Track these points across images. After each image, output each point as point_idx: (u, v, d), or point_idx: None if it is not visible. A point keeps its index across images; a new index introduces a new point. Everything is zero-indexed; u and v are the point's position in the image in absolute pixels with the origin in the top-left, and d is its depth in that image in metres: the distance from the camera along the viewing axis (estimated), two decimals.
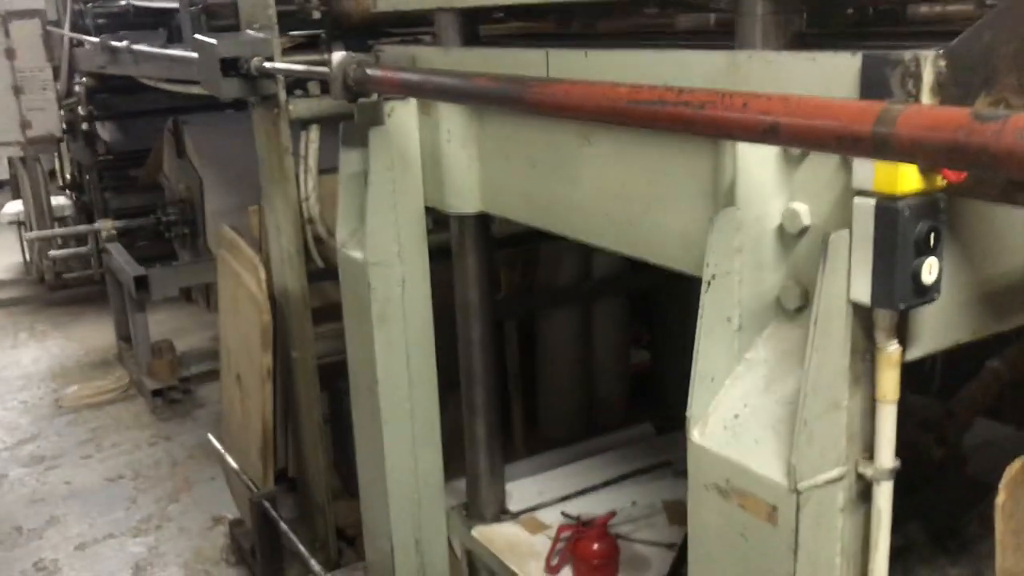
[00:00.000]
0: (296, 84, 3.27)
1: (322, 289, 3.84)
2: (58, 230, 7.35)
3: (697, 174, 1.66)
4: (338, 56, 2.35)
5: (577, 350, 4.23)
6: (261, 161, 3.43)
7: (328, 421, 3.90)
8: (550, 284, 4.10)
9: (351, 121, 2.71)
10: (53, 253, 7.39)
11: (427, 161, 2.54)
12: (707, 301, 1.48)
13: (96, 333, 6.87)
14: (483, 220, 2.53)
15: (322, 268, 3.60)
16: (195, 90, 4.04)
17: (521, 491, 2.94)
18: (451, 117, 2.40)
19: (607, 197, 1.94)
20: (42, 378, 6.17)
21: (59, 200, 7.78)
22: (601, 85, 1.50)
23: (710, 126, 1.29)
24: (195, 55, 3.40)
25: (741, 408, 1.48)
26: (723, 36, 1.62)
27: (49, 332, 7.04)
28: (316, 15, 3.20)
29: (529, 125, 2.17)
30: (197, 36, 3.19)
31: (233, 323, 4.13)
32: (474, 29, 2.40)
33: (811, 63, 1.39)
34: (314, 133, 3.32)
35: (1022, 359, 2.78)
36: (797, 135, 1.18)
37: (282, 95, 3.15)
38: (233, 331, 4.16)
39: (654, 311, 4.55)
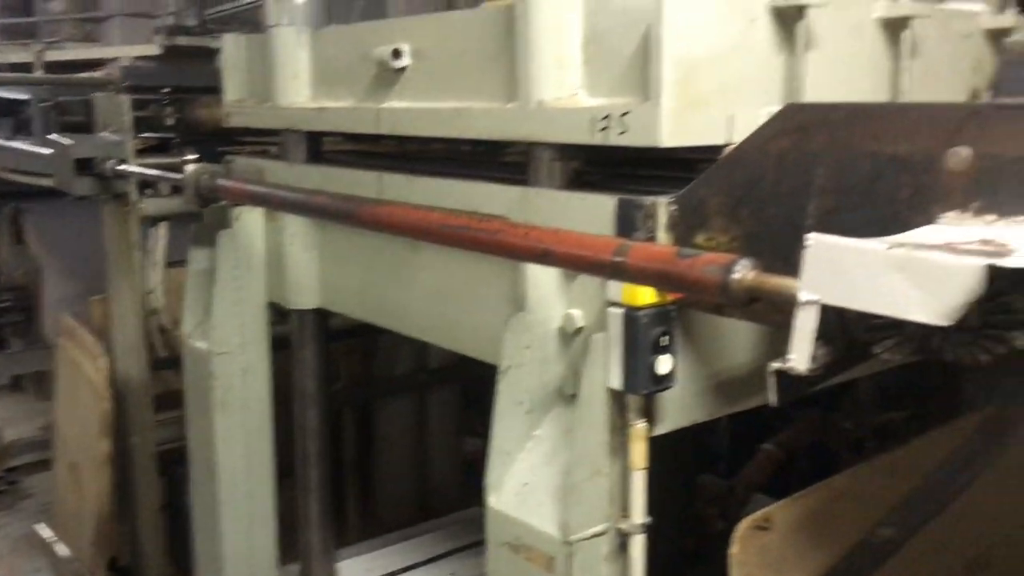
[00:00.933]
0: (146, 183, 3.47)
1: (163, 377, 3.96)
2: None
3: (501, 283, 2.01)
4: (191, 166, 2.61)
5: (412, 437, 4.48)
6: (109, 254, 3.58)
7: (165, 508, 3.97)
8: (388, 374, 4.35)
9: (201, 222, 2.94)
10: None
11: (271, 261, 2.80)
12: (502, 388, 1.81)
13: None
14: (321, 315, 2.80)
15: (164, 357, 3.75)
16: (43, 181, 4.16)
17: (351, 569, 3.14)
18: (294, 223, 2.67)
19: (431, 298, 2.26)
20: None
21: None
22: (420, 210, 1.83)
23: (501, 249, 1.63)
24: (46, 151, 3.56)
25: (529, 477, 1.79)
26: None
27: None
28: (170, 121, 3.43)
29: (366, 233, 2.46)
30: (52, 136, 3.36)
31: (70, 411, 4.16)
32: (317, 148, 2.71)
33: (581, 201, 1.76)
34: (162, 230, 3.52)
35: (792, 442, 3.24)
36: (563, 260, 1.54)
37: (134, 195, 3.34)
38: (70, 419, 4.19)
39: (487, 401, 4.85)
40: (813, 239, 1.12)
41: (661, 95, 1.60)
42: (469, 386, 4.75)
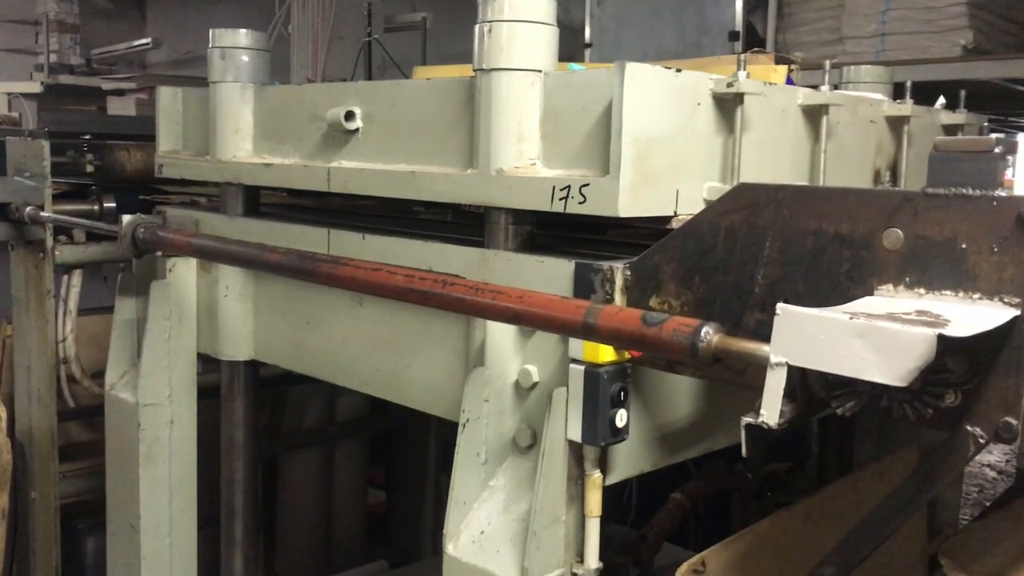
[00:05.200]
0: (60, 230, 3.41)
1: (64, 429, 3.84)
2: None
3: (452, 338, 2.10)
4: (127, 217, 2.61)
5: (318, 490, 4.48)
6: (17, 302, 3.48)
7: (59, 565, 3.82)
8: (296, 426, 4.35)
9: (129, 272, 2.93)
10: None
11: (203, 312, 2.81)
12: (462, 440, 1.89)
13: None
14: (253, 366, 2.82)
15: (71, 408, 3.65)
16: None
17: None
18: (229, 275, 2.70)
19: (375, 352, 2.33)
20: None
21: None
22: (383, 269, 1.91)
23: (470, 309, 1.73)
24: None
25: (486, 525, 1.88)
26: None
27: None
28: (89, 168, 3.39)
29: (305, 287, 2.52)
30: None
31: None
32: (255, 201, 2.75)
33: (540, 264, 1.89)
34: (76, 278, 3.45)
35: (699, 491, 3.40)
36: (533, 320, 1.65)
37: (49, 241, 3.28)
38: None
39: (391, 453, 4.90)
40: (782, 309, 1.27)
41: (620, 170, 1.75)
42: (374, 438, 4.79)
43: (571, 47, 5.55)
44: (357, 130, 2.31)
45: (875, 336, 1.18)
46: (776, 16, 5.15)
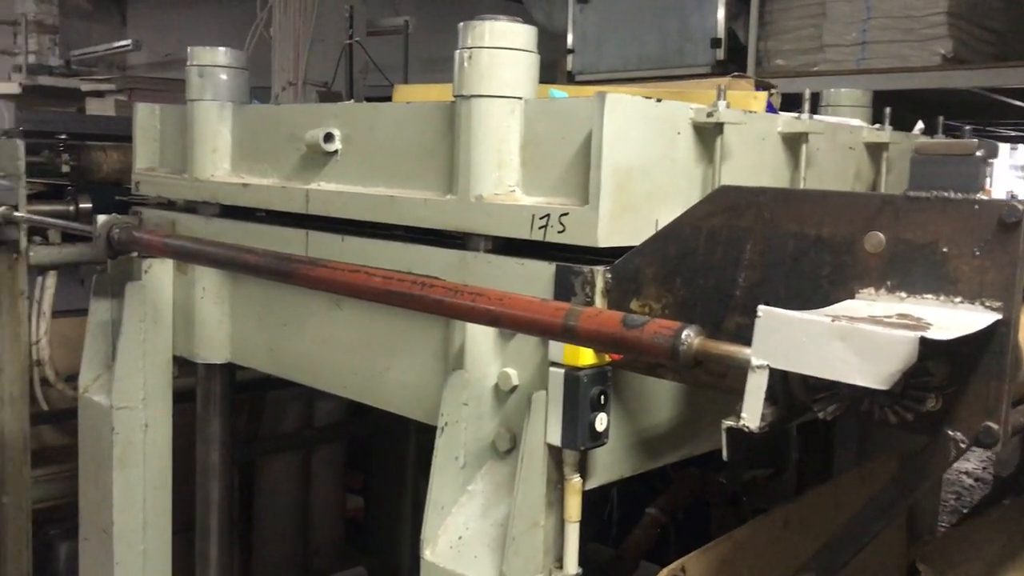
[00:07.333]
0: (34, 231, 3.37)
1: (37, 433, 3.79)
2: None
3: (431, 341, 2.08)
4: (103, 217, 2.58)
5: (296, 496, 4.43)
6: None
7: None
8: (274, 432, 4.30)
9: (104, 273, 2.89)
10: None
11: (179, 314, 2.78)
12: (440, 444, 1.87)
13: None
14: (230, 369, 2.78)
15: (44, 411, 3.60)
16: None
17: None
18: (206, 276, 2.67)
19: (354, 355, 2.30)
20: None
21: None
22: (362, 270, 1.88)
23: (448, 311, 1.71)
24: None
25: (464, 530, 1.86)
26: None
27: None
28: (65, 168, 3.35)
29: (282, 289, 2.49)
30: None
31: None
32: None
33: (520, 267, 1.87)
34: (51, 279, 3.41)
35: (673, 503, 3.37)
36: (512, 323, 1.63)
37: (23, 242, 3.24)
38: None
39: (370, 458, 4.86)
40: (763, 311, 1.26)
41: (600, 200, 1.74)
42: (352, 443, 4.75)
43: (554, 53, 5.55)
44: (336, 152, 2.30)
45: (857, 339, 1.17)
46: (758, 24, 5.17)
